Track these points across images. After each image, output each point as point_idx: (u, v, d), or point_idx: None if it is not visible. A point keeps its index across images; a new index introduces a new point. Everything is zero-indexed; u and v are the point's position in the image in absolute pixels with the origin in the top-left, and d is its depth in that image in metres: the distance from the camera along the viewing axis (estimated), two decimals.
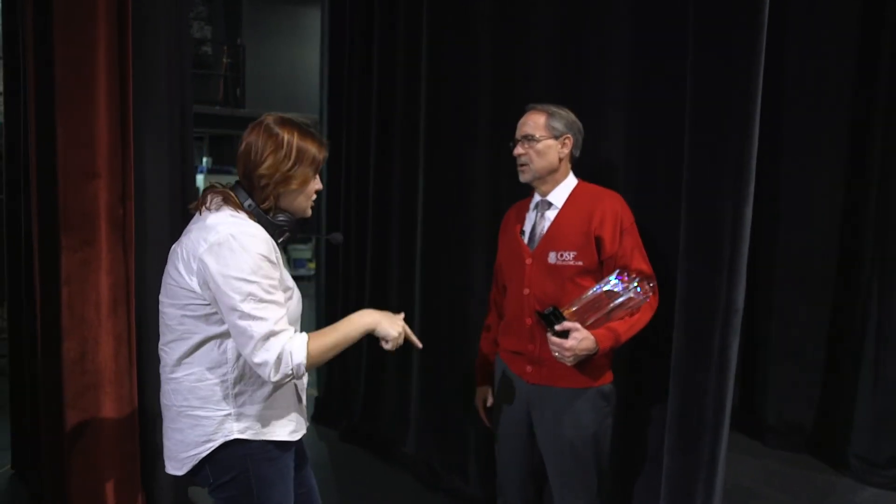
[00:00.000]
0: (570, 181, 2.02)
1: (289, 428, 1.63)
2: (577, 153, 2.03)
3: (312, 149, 1.55)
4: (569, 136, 1.98)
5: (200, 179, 9.92)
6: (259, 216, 1.53)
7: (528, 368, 1.99)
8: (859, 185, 3.25)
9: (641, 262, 1.92)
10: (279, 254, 1.54)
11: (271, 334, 1.43)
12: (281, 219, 1.56)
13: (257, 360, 1.43)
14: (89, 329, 2.25)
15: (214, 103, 11.25)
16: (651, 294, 1.89)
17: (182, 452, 1.55)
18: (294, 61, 11.16)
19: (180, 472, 1.57)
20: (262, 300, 1.43)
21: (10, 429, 3.12)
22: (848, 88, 3.24)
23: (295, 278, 1.67)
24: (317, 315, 4.05)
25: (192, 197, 2.81)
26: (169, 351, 1.56)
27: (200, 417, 1.53)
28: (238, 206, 1.53)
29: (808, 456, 3.39)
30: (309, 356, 1.46)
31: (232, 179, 1.66)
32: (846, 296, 3.33)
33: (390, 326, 1.58)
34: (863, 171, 3.23)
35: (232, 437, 1.53)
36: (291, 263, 9.89)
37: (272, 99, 11.32)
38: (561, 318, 1.82)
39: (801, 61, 3.33)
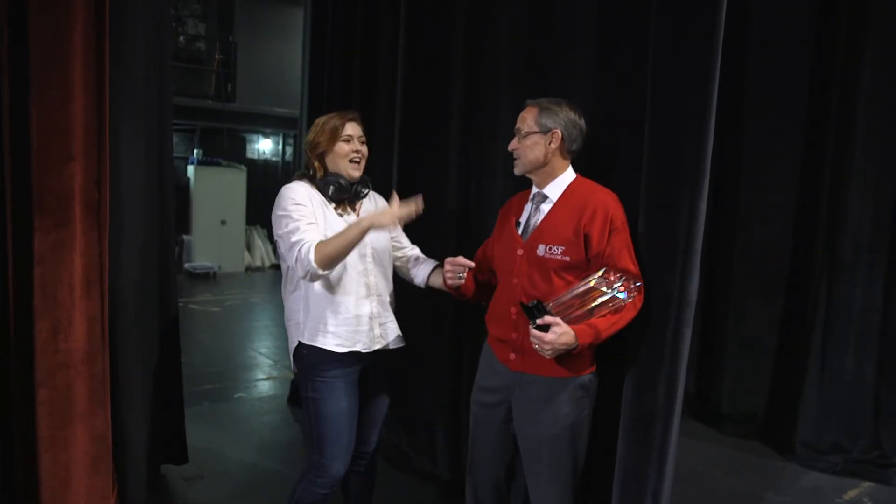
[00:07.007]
0: (567, 176, 2.04)
1: (335, 341, 2.10)
2: (574, 147, 2.03)
3: (332, 121, 2.13)
4: (556, 130, 1.98)
5: (191, 171, 9.88)
6: (308, 178, 2.17)
7: (512, 356, 2.05)
8: (812, 186, 3.37)
9: (629, 262, 1.91)
10: (326, 203, 2.14)
11: (293, 245, 1.99)
12: (329, 179, 2.13)
13: (290, 263, 2.01)
14: (62, 309, 2.27)
15: (207, 97, 11.27)
16: (636, 294, 1.89)
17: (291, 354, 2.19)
18: (283, 58, 11.31)
19: (293, 370, 2.23)
20: (289, 226, 2.01)
21: None
22: (804, 92, 3.36)
23: None
24: None
25: (170, 184, 2.85)
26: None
27: (291, 326, 2.19)
28: (301, 177, 2.18)
29: (758, 443, 3.54)
30: (318, 258, 1.95)
31: (221, 171, 1.93)
32: (797, 290, 3.45)
33: (382, 218, 1.98)
34: (816, 172, 3.35)
35: (300, 341, 2.13)
36: None
37: (261, 94, 11.41)
38: (543, 312, 1.84)
39: (760, 68, 3.44)
